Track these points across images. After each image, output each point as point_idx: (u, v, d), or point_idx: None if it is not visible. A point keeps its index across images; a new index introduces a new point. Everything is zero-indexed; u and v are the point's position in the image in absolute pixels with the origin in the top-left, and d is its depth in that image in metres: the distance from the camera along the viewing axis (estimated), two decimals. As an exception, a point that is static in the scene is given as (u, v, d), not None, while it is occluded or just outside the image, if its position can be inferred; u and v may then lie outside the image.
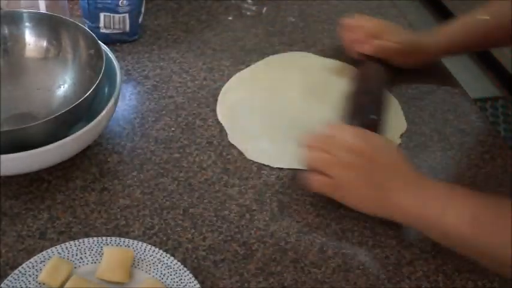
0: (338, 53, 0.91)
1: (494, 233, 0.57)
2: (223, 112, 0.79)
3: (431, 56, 0.87)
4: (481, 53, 2.28)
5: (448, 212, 0.59)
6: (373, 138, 0.66)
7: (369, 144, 0.65)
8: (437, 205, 0.60)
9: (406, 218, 0.63)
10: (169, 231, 0.64)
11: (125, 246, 0.60)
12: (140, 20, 0.88)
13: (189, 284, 0.57)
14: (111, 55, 0.72)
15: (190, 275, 0.58)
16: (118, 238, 0.60)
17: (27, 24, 0.74)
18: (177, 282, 0.57)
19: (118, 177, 0.69)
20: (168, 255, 0.59)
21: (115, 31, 0.86)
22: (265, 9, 0.99)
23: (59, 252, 0.58)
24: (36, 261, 0.57)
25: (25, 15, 0.74)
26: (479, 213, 0.58)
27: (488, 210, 0.59)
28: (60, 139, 0.62)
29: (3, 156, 0.60)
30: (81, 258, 0.59)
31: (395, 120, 0.80)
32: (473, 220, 0.58)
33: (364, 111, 0.73)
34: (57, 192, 0.67)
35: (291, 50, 0.92)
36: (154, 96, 0.81)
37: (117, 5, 0.83)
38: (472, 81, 2.12)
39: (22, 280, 0.56)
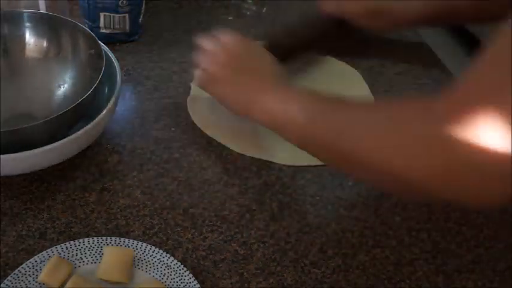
0: (338, 53, 0.91)
1: (329, 126, 0.58)
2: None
3: (401, 22, 0.86)
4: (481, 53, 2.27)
5: (290, 108, 0.62)
6: (252, 45, 0.73)
7: (246, 49, 0.72)
8: (287, 105, 0.63)
9: (265, 121, 0.66)
10: (169, 231, 0.64)
11: (125, 246, 0.60)
12: (140, 20, 0.88)
13: (189, 284, 0.57)
14: (111, 55, 0.72)
15: (190, 275, 0.58)
16: (118, 238, 0.60)
17: (27, 24, 0.74)
18: (177, 282, 0.57)
19: (118, 177, 0.69)
20: (168, 255, 0.59)
21: (115, 31, 0.86)
22: (265, 9, 0.99)
23: (59, 252, 0.58)
24: (36, 261, 0.57)
25: (25, 15, 0.74)
26: (317, 107, 0.61)
27: (326, 104, 0.61)
28: (60, 139, 0.62)
29: (3, 156, 0.60)
30: (81, 258, 0.59)
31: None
32: (308, 112, 0.60)
33: (273, 38, 0.80)
34: (57, 192, 0.67)
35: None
36: (154, 96, 0.81)
37: (117, 5, 0.83)
38: (472, 81, 2.11)
39: (22, 280, 0.56)
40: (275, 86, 0.67)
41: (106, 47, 0.73)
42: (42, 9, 0.82)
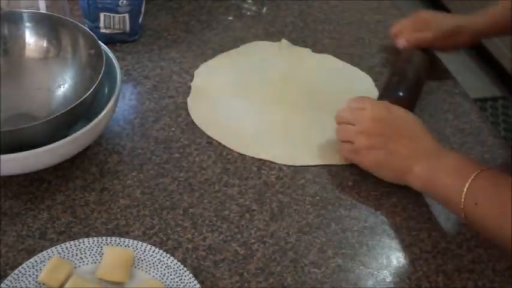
0: (338, 53, 0.91)
1: (493, 204, 0.60)
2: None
3: (470, 38, 0.90)
4: (481, 53, 2.28)
5: (462, 185, 0.62)
6: (394, 109, 0.71)
7: (390, 114, 0.70)
8: (454, 179, 0.63)
9: (425, 188, 0.67)
10: (169, 231, 0.64)
11: (125, 246, 0.60)
12: (140, 20, 0.88)
13: (189, 284, 0.57)
14: (111, 55, 0.72)
15: (190, 275, 0.58)
16: (118, 238, 0.60)
17: (27, 24, 0.74)
18: (177, 282, 0.57)
19: (118, 177, 0.69)
20: (168, 255, 0.59)
21: (115, 31, 0.86)
22: (265, 9, 0.99)
23: (59, 252, 0.58)
24: (36, 261, 0.57)
25: (25, 15, 0.74)
26: (481, 184, 0.61)
27: (488, 181, 0.62)
28: (60, 139, 0.62)
29: (3, 156, 0.60)
30: (81, 258, 0.59)
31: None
32: (471, 196, 0.61)
33: (393, 89, 0.79)
34: (57, 192, 0.67)
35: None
36: (154, 96, 0.81)
37: (117, 5, 0.83)
38: (472, 81, 2.12)
39: (22, 280, 0.56)
40: (431, 152, 0.67)
41: (106, 47, 0.73)
42: (42, 9, 0.82)
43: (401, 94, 0.78)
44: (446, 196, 0.64)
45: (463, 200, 0.61)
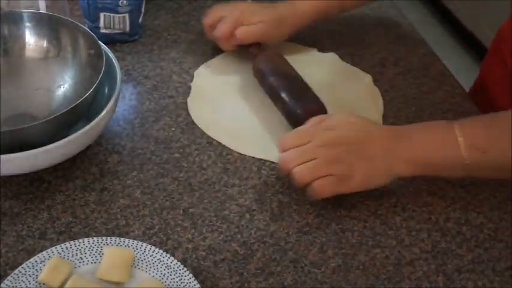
0: (338, 53, 0.91)
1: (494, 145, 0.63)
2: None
3: (297, 25, 0.86)
4: (481, 53, 2.28)
5: (439, 150, 0.64)
6: (338, 120, 0.67)
7: (341, 127, 0.66)
8: (440, 140, 0.65)
9: (414, 169, 0.66)
10: (169, 231, 0.64)
11: (125, 246, 0.60)
12: (140, 20, 0.88)
13: (189, 284, 0.57)
14: (111, 55, 0.72)
15: (190, 275, 0.58)
16: (118, 238, 0.60)
17: (27, 24, 0.74)
18: (177, 282, 0.57)
19: (118, 177, 0.69)
20: (168, 255, 0.59)
21: (115, 31, 0.86)
22: (265, 9, 0.99)
23: (59, 252, 0.58)
24: (36, 261, 0.57)
25: (25, 15, 0.74)
26: (473, 132, 0.64)
27: (476, 126, 0.65)
28: (60, 139, 0.62)
29: (3, 156, 0.60)
30: (81, 258, 0.59)
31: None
32: (466, 146, 0.63)
33: (306, 100, 0.74)
34: (57, 192, 0.67)
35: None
36: (154, 96, 0.81)
37: (117, 5, 0.83)
38: (472, 81, 2.11)
39: (22, 280, 0.56)
40: (399, 134, 0.66)
41: (106, 47, 0.73)
42: (42, 9, 0.82)
43: (318, 102, 0.74)
44: (442, 162, 0.65)
45: (464, 155, 0.62)
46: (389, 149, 0.65)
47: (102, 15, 0.84)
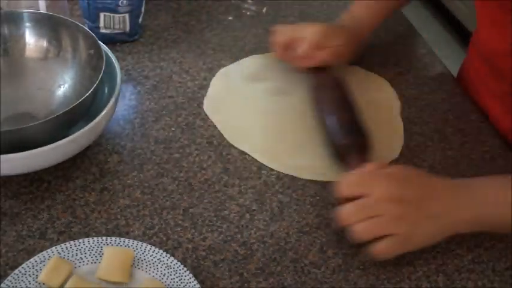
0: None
1: None
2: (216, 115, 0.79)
3: (361, 39, 0.87)
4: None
5: (502, 202, 0.62)
6: (400, 171, 0.64)
7: (404, 180, 0.63)
8: (493, 203, 0.62)
9: (473, 227, 0.63)
10: (169, 231, 0.64)
11: (125, 246, 0.60)
12: (140, 20, 0.88)
13: (189, 284, 0.57)
14: (111, 55, 0.72)
15: (190, 275, 0.58)
16: (118, 238, 0.60)
17: (27, 24, 0.74)
18: (177, 282, 0.57)
19: (118, 177, 0.69)
20: (168, 255, 0.59)
21: (115, 31, 0.86)
22: (265, 9, 0.99)
23: (59, 252, 0.58)
24: (36, 261, 0.57)
25: (25, 15, 0.74)
26: None
27: None
28: (60, 139, 0.62)
29: (3, 156, 0.60)
30: (81, 258, 0.59)
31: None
32: None
33: (350, 131, 0.72)
34: (57, 192, 0.67)
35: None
36: (154, 96, 0.81)
37: (117, 5, 0.83)
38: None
39: (22, 280, 0.56)
40: (461, 190, 0.63)
41: (106, 47, 0.73)
42: (42, 9, 0.82)
43: (362, 135, 0.71)
44: (502, 220, 0.62)
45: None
46: (452, 207, 0.62)
47: (102, 15, 0.84)
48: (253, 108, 0.80)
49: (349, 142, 0.71)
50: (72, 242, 0.59)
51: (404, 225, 0.60)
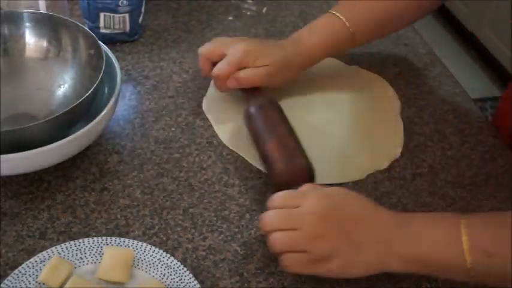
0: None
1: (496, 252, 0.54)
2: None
3: (305, 66, 0.79)
4: (481, 53, 2.28)
5: (442, 251, 0.56)
6: (331, 192, 0.60)
7: (332, 202, 0.59)
8: (442, 242, 0.56)
9: (407, 265, 0.57)
10: (169, 231, 0.64)
11: (125, 246, 0.60)
12: (140, 20, 0.88)
13: (189, 284, 0.57)
14: (111, 55, 0.72)
15: (190, 275, 0.58)
16: (118, 238, 0.60)
17: (27, 24, 0.74)
18: (177, 282, 0.57)
19: (118, 177, 0.69)
20: (168, 255, 0.59)
21: (115, 31, 0.86)
22: (265, 9, 0.99)
23: (59, 252, 0.58)
24: (36, 261, 0.57)
25: (25, 15, 0.74)
26: (480, 233, 0.55)
27: (484, 226, 0.56)
28: (60, 139, 0.62)
29: (3, 156, 0.60)
30: (81, 258, 0.59)
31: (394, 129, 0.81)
32: (473, 250, 0.54)
33: (289, 156, 0.67)
34: (57, 192, 0.67)
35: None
36: (154, 96, 0.81)
37: (117, 5, 0.83)
38: (472, 81, 2.12)
39: (22, 280, 0.56)
40: (399, 225, 0.57)
41: (106, 47, 0.73)
42: (42, 9, 0.82)
43: (302, 160, 0.66)
44: (442, 262, 0.56)
45: (467, 258, 0.54)
46: (383, 240, 0.57)
47: (102, 15, 0.84)
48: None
49: (284, 169, 0.66)
50: (72, 242, 0.59)
51: (321, 245, 0.56)
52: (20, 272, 0.56)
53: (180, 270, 0.58)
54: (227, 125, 0.77)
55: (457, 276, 0.57)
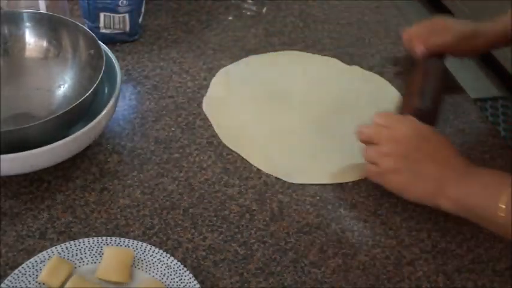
0: (338, 53, 0.91)
1: None
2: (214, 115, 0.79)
3: (488, 44, 0.88)
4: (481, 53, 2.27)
5: (496, 200, 0.60)
6: (421, 128, 0.68)
7: (416, 134, 0.67)
8: (488, 195, 0.61)
9: (457, 208, 0.63)
10: (169, 231, 0.64)
11: (125, 246, 0.60)
12: (140, 20, 0.88)
13: (189, 284, 0.57)
14: (111, 55, 0.72)
15: (190, 275, 0.58)
16: (118, 238, 0.60)
17: (27, 24, 0.74)
18: (177, 282, 0.57)
19: (118, 177, 0.69)
20: (168, 255, 0.59)
21: (115, 31, 0.86)
22: (265, 9, 0.99)
23: (59, 252, 0.58)
24: (36, 261, 0.57)
25: (25, 15, 0.74)
26: None
27: None
28: (60, 139, 0.62)
29: (3, 156, 0.60)
30: (81, 258, 0.59)
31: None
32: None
33: (415, 101, 0.75)
34: (57, 192, 0.67)
35: (291, 50, 0.92)
36: (154, 96, 0.81)
37: (117, 5, 0.83)
38: (472, 81, 2.11)
39: (22, 280, 0.56)
40: (461, 172, 0.64)
41: (106, 47, 0.73)
42: (42, 9, 0.82)
43: (424, 106, 0.75)
44: (480, 213, 0.62)
45: (502, 214, 0.59)
46: (437, 178, 0.64)
47: (102, 15, 0.84)
48: (252, 109, 0.80)
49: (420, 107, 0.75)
50: (72, 242, 0.59)
51: (387, 164, 0.66)
52: (20, 272, 0.56)
53: (180, 270, 0.58)
54: (227, 125, 0.77)
55: (492, 227, 0.62)
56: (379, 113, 0.70)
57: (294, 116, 0.77)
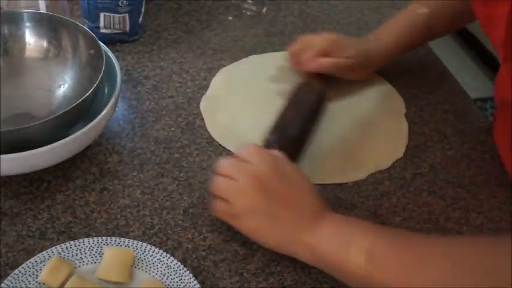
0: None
1: (388, 270, 0.53)
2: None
3: (382, 63, 0.84)
4: (481, 53, 2.28)
5: (348, 250, 0.55)
6: (284, 165, 0.61)
7: (277, 172, 0.60)
8: (340, 244, 0.56)
9: (314, 258, 0.58)
10: (169, 231, 0.64)
11: (125, 246, 0.60)
12: (140, 20, 0.88)
13: (189, 284, 0.57)
14: (111, 55, 0.72)
15: (190, 275, 0.58)
16: (118, 238, 0.60)
17: (27, 24, 0.74)
18: (177, 282, 0.57)
19: (118, 177, 0.69)
20: (168, 255, 0.59)
21: (115, 31, 0.86)
22: (265, 9, 0.99)
23: (59, 252, 0.58)
24: (36, 261, 0.57)
25: (25, 15, 0.74)
26: (375, 249, 0.54)
27: (383, 246, 0.55)
28: (60, 139, 0.62)
29: (3, 156, 0.60)
30: (81, 258, 0.59)
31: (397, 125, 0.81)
32: (369, 257, 0.54)
33: (285, 128, 0.69)
34: (57, 192, 0.67)
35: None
36: (154, 96, 0.81)
37: (117, 5, 0.83)
38: (472, 81, 2.11)
39: (22, 280, 0.56)
40: (320, 220, 0.58)
41: (106, 47, 0.73)
42: (42, 9, 0.82)
43: (294, 134, 0.69)
44: (336, 266, 0.56)
45: (358, 268, 0.54)
46: (295, 225, 0.59)
47: (102, 15, 0.84)
48: (252, 109, 0.80)
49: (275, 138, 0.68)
50: (72, 242, 0.59)
51: (240, 203, 0.59)
52: (20, 272, 0.56)
53: (180, 270, 0.58)
54: (223, 125, 0.77)
55: (351, 282, 0.56)
56: (244, 146, 0.63)
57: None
